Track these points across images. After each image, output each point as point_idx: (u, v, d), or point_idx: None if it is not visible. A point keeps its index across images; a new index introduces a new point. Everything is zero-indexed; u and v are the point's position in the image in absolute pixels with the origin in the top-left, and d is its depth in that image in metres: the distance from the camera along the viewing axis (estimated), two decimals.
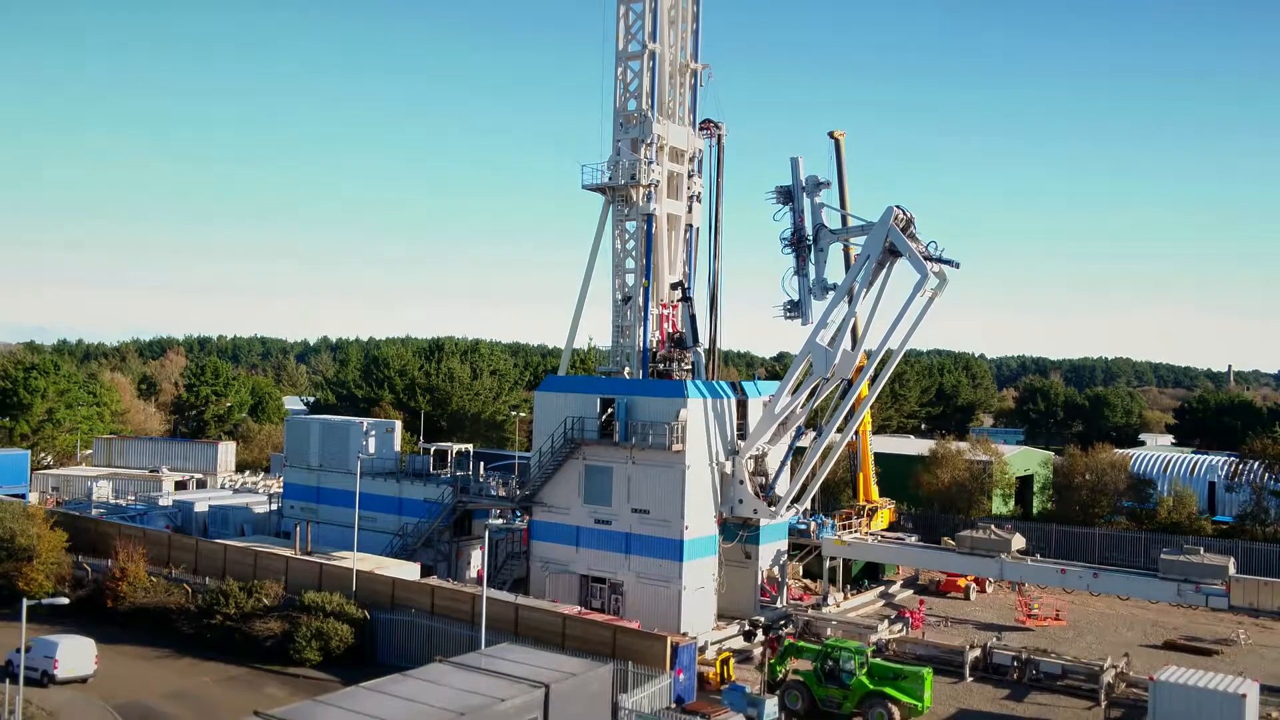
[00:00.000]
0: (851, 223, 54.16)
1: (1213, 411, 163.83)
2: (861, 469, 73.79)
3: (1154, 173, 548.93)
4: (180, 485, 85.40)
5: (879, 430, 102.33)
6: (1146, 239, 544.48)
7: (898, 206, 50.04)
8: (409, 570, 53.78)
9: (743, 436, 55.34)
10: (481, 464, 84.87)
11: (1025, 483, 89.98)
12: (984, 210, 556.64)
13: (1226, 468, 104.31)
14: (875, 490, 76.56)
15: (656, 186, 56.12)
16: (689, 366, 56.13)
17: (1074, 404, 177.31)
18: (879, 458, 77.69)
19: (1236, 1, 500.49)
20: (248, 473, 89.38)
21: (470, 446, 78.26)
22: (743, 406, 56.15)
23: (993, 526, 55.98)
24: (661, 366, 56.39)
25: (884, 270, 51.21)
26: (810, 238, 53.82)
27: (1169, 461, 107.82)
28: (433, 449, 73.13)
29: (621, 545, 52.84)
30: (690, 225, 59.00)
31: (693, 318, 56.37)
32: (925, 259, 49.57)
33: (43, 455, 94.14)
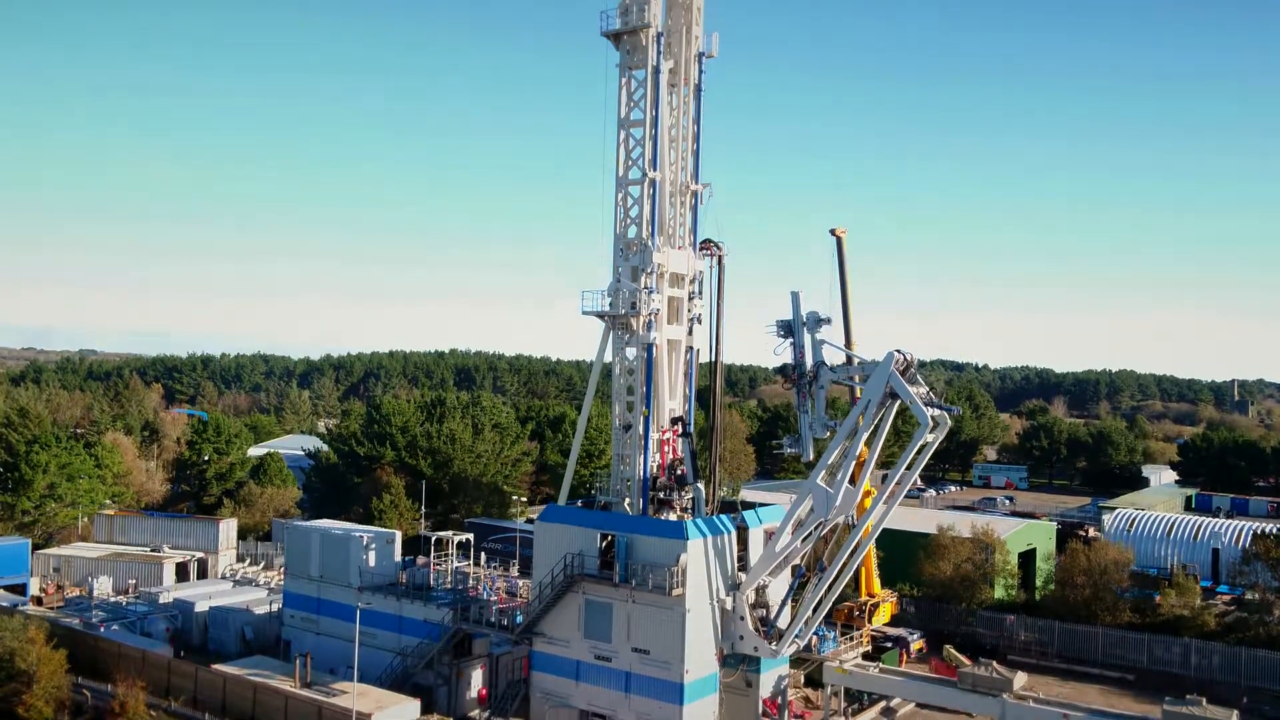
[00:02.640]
0: (855, 361, 53.83)
1: (1216, 451, 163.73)
2: (863, 562, 73.53)
3: (1154, 174, 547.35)
4: (181, 569, 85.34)
5: (882, 465, 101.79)
6: (1146, 240, 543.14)
7: (898, 351, 49.79)
8: (409, 709, 53.50)
9: (743, 567, 55.16)
10: (483, 554, 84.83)
11: (1028, 556, 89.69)
12: (983, 211, 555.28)
13: (1231, 533, 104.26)
14: (877, 583, 76.46)
15: (657, 315, 55.83)
16: (690, 498, 55.88)
17: (1078, 440, 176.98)
18: (880, 535, 77.30)
19: (1238, 2, 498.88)
20: (248, 560, 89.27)
21: (470, 536, 78.24)
22: (743, 535, 55.92)
23: (994, 664, 55.66)
24: (662, 495, 56.17)
25: (885, 410, 50.90)
26: (811, 375, 53.51)
27: (1172, 525, 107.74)
28: (434, 538, 73.14)
29: (621, 683, 52.65)
30: (691, 348, 58.73)
31: (693, 454, 56.12)
32: (925, 405, 49.35)
33: (53, 511, 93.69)
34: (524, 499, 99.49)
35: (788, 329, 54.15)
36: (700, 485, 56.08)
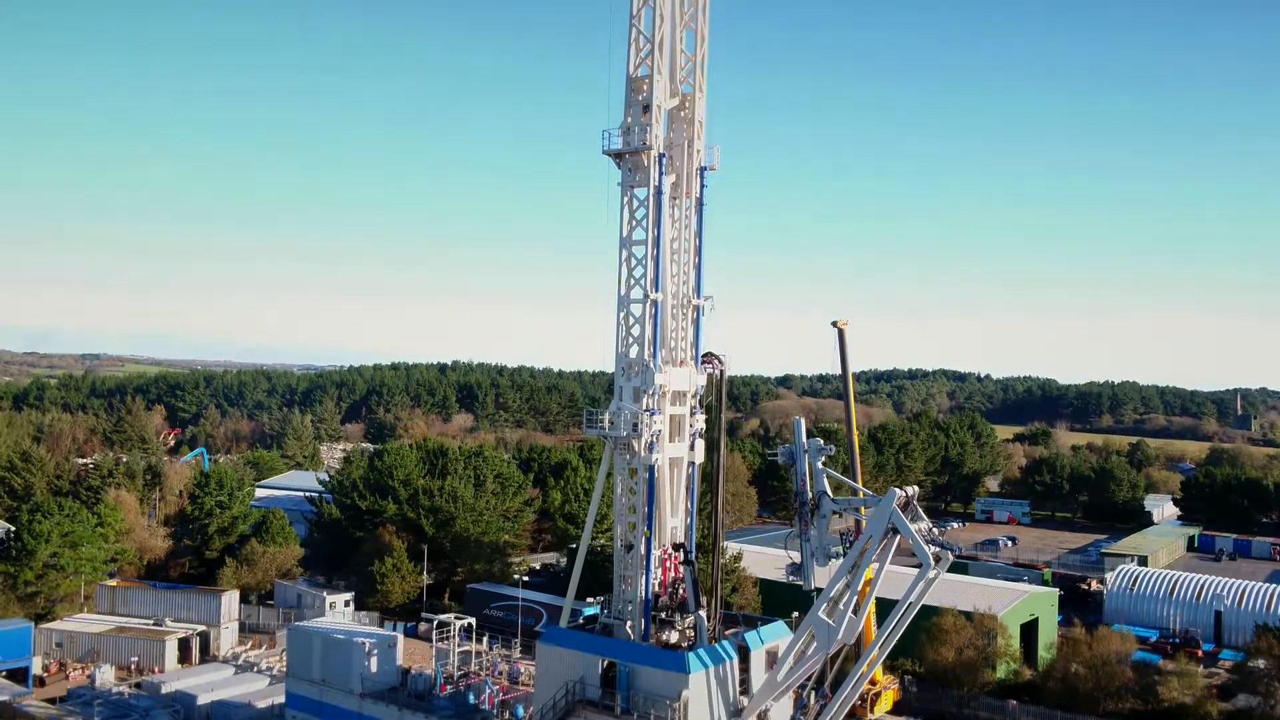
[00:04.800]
0: (860, 492, 53.85)
1: (1219, 489, 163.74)
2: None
3: (1154, 175, 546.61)
4: (183, 644, 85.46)
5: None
6: (1147, 243, 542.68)
7: (898, 488, 49.84)
8: None
9: (745, 689, 55.11)
10: (488, 636, 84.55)
11: (1030, 628, 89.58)
12: (983, 213, 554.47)
13: (1234, 594, 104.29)
14: (879, 670, 76.39)
15: (658, 436, 55.75)
16: (691, 625, 55.81)
17: (1080, 476, 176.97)
18: (884, 606, 77.09)
19: (1238, 3, 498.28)
20: (249, 644, 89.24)
21: (472, 620, 78.25)
22: (744, 656, 55.84)
23: None
24: (663, 615, 56.17)
25: (886, 543, 50.84)
26: (813, 504, 53.48)
27: (1175, 584, 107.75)
28: (435, 620, 73.22)
29: None
30: (692, 463, 58.63)
31: (695, 581, 56.05)
32: (926, 541, 49.36)
33: (56, 581, 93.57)
34: (524, 567, 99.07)
35: (790, 456, 54.12)
36: (702, 613, 55.88)
